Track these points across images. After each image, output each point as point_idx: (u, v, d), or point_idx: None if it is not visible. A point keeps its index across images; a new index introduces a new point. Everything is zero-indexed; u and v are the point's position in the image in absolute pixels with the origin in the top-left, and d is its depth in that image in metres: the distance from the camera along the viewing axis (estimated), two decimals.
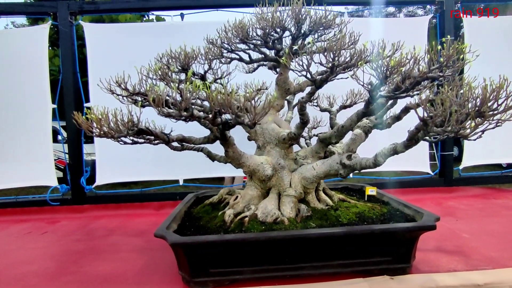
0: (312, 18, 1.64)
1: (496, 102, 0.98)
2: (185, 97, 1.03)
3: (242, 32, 1.51)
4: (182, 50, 1.43)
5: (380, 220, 1.53)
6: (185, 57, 1.40)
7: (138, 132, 1.19)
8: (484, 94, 0.98)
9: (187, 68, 1.44)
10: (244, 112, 1.08)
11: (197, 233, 1.50)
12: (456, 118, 0.95)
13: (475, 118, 0.93)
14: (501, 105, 1.00)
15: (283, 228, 1.46)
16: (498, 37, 3.05)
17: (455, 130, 0.96)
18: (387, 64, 1.12)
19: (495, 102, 0.98)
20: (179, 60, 1.42)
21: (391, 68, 1.12)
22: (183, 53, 1.41)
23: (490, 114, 0.92)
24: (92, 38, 2.84)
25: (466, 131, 0.95)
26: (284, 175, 1.68)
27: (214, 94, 1.01)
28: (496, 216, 2.33)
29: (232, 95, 1.16)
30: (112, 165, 2.97)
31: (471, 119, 0.93)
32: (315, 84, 1.40)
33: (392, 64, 1.11)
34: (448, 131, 1.00)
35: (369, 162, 1.41)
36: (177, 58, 1.43)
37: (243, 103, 1.07)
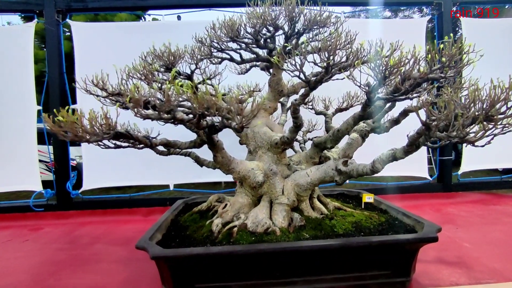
0: (306, 16, 1.56)
1: (506, 105, 0.89)
2: (166, 98, 0.93)
3: (232, 30, 1.42)
4: (167, 47, 1.33)
5: (378, 231, 1.44)
6: (169, 55, 1.31)
7: (115, 136, 1.09)
8: (493, 96, 0.90)
9: (172, 67, 1.34)
10: (231, 114, 0.98)
11: (182, 244, 1.40)
12: (462, 122, 0.86)
13: (483, 122, 0.85)
14: (510, 108, 0.91)
15: (274, 239, 1.36)
16: (496, 38, 2.99)
17: (461, 135, 0.87)
18: (386, 63, 1.03)
19: (505, 104, 0.89)
20: (163, 59, 1.33)
21: (390, 67, 1.03)
22: (168, 52, 1.31)
23: (500, 118, 0.84)
24: (79, 38, 2.74)
25: (472, 136, 0.86)
26: (276, 181, 1.59)
27: (199, 95, 0.91)
28: (497, 224, 2.25)
29: (218, 96, 1.06)
30: (99, 169, 2.85)
31: (480, 123, 0.84)
32: (309, 85, 1.31)
33: (392, 64, 1.02)
34: (453, 137, 0.91)
35: (367, 169, 1.31)
36: (161, 57, 1.33)
37: (229, 105, 0.97)
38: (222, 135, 1.96)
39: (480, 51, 1.32)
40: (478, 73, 3.00)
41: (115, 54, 2.57)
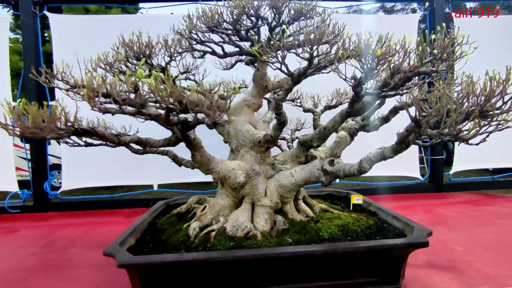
0: (291, 6, 1.47)
1: (502, 99, 0.81)
2: (129, 89, 0.83)
3: (212, 19, 1.32)
4: (137, 36, 1.23)
5: (366, 235, 1.35)
6: (139, 46, 1.20)
7: (76, 133, 0.98)
8: (488, 89, 0.81)
9: (144, 58, 1.23)
10: (202, 109, 0.88)
11: (156, 250, 1.29)
12: (455, 118, 0.77)
13: (478, 117, 0.76)
14: (506, 102, 0.83)
15: (254, 245, 1.27)
16: (490, 37, 2.94)
17: (454, 132, 0.79)
18: (373, 53, 0.94)
19: (501, 98, 0.81)
20: (133, 49, 1.22)
21: (378, 58, 0.94)
22: (138, 42, 1.21)
23: (496, 113, 0.75)
24: (58, 30, 2.60)
25: (466, 133, 0.78)
26: (258, 182, 1.49)
27: (164, 87, 0.81)
28: (489, 225, 2.19)
29: (192, 89, 0.96)
30: (80, 169, 2.72)
31: (474, 119, 0.76)
32: (292, 78, 1.21)
33: (378, 53, 0.93)
34: (445, 134, 0.83)
35: (353, 169, 1.23)
36: (131, 47, 1.22)
37: (199, 99, 0.88)
38: (207, 133, 1.86)
39: (474, 43, 1.25)
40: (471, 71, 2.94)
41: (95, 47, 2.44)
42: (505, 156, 3.05)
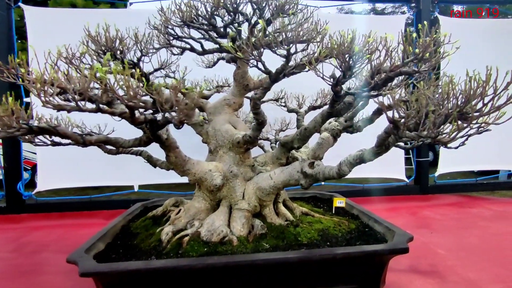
0: (272, 2, 1.41)
1: (482, 101, 0.77)
2: (84, 85, 0.76)
3: (186, 13, 1.25)
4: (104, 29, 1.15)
5: (346, 240, 1.31)
6: (106, 40, 1.12)
7: (31, 131, 0.90)
8: (467, 90, 0.77)
9: (115, 53, 1.16)
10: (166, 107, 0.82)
11: (125, 256, 1.22)
12: (433, 120, 0.73)
13: (457, 120, 0.72)
14: (487, 104, 0.79)
15: (229, 250, 1.21)
16: (476, 39, 2.94)
17: (432, 135, 0.74)
18: (351, 50, 0.89)
19: (481, 100, 0.76)
20: (99, 43, 1.14)
21: (355, 55, 0.89)
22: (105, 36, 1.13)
23: (476, 116, 0.71)
24: (33, 24, 2.49)
25: (445, 136, 0.74)
26: (236, 185, 1.43)
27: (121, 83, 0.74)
28: (473, 228, 2.18)
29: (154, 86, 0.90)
30: (57, 168, 2.61)
31: (452, 121, 0.71)
32: (270, 77, 1.16)
33: (357, 50, 0.88)
34: (424, 136, 0.78)
35: (333, 172, 1.18)
36: (98, 41, 1.14)
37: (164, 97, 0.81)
38: (191, 132, 1.79)
39: (456, 43, 1.21)
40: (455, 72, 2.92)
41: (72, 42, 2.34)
42: (490, 158, 3.07)
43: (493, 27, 3.04)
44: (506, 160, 3.14)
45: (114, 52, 1.15)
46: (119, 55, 1.18)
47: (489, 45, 2.98)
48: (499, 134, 3.00)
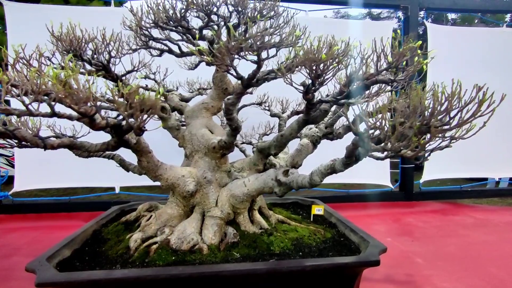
0: (251, 5, 1.39)
1: (448, 115, 0.75)
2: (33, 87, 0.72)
3: (157, 15, 1.21)
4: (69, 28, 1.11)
5: (319, 250, 1.28)
6: (70, 40, 1.08)
7: None
8: (433, 104, 0.75)
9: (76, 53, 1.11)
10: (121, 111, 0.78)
11: (90, 265, 1.18)
12: (396, 134, 0.70)
13: (419, 134, 0.70)
14: (454, 118, 0.77)
15: (198, 259, 1.17)
16: (463, 47, 2.95)
17: (395, 149, 0.72)
18: (318, 58, 0.87)
19: (447, 114, 0.74)
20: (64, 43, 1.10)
21: (322, 63, 0.87)
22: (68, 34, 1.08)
23: (439, 130, 0.69)
24: (14, 20, 2.42)
25: (408, 151, 0.71)
26: (210, 191, 1.40)
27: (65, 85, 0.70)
28: (453, 236, 2.17)
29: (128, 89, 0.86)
30: (34, 168, 2.54)
31: (412, 136, 0.69)
32: (242, 82, 1.13)
33: (324, 58, 0.86)
34: (388, 150, 0.76)
35: (305, 181, 1.15)
36: (63, 40, 1.10)
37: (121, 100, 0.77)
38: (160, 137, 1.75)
39: (432, 52, 1.20)
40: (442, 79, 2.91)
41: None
42: (476, 166, 3.08)
43: (483, 35, 3.05)
44: (493, 168, 3.15)
45: (80, 53, 1.11)
46: (87, 56, 1.14)
47: (478, 53, 3.00)
48: (485, 143, 3.02)
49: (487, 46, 2.92)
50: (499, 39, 2.93)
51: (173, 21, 1.20)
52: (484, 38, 2.95)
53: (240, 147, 2.14)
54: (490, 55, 2.93)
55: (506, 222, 2.49)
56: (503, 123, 3.03)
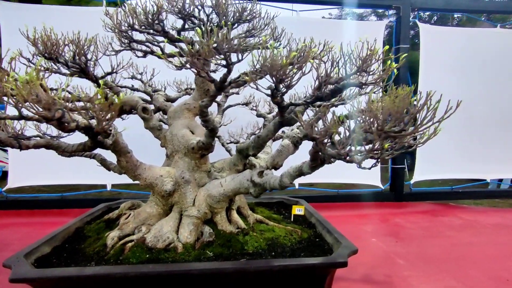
0: (231, 8, 1.40)
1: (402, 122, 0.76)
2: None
3: (132, 18, 1.23)
4: (43, 32, 1.13)
5: (292, 250, 1.30)
6: (45, 44, 1.11)
7: None
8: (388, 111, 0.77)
9: (54, 57, 1.14)
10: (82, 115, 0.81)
11: (66, 261, 1.21)
12: (343, 139, 0.72)
13: (362, 141, 0.71)
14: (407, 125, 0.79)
15: (171, 258, 1.20)
16: (455, 47, 2.94)
17: (343, 154, 0.74)
18: (278, 64, 0.88)
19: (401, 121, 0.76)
20: (37, 46, 1.13)
21: (282, 68, 0.88)
22: (44, 37, 1.11)
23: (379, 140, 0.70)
24: (7, 19, 2.46)
25: (355, 156, 0.73)
26: (188, 191, 1.42)
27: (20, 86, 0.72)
28: (438, 237, 2.18)
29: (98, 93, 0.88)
30: (28, 165, 2.59)
31: (355, 142, 0.71)
32: (215, 85, 1.15)
33: (284, 63, 0.87)
34: (342, 155, 0.77)
35: (276, 183, 1.17)
36: (36, 44, 1.12)
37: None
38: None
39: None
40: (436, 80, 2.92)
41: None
42: (466, 167, 3.07)
43: (476, 36, 3.03)
44: (485, 169, 3.14)
45: (56, 56, 1.13)
46: (63, 58, 1.16)
47: (471, 53, 2.98)
48: (476, 144, 3.02)
49: (480, 47, 2.91)
50: (493, 40, 2.91)
51: (145, 25, 1.22)
52: (477, 39, 2.93)
53: (226, 146, 2.17)
54: (484, 56, 2.92)
55: (494, 224, 2.49)
56: (496, 124, 3.02)
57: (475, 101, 2.95)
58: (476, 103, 2.95)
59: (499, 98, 2.97)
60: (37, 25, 2.52)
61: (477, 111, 2.95)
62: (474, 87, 2.93)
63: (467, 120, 2.94)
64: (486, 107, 2.98)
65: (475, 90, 2.93)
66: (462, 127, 2.94)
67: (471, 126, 2.99)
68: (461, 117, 2.94)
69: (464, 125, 2.94)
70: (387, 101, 0.83)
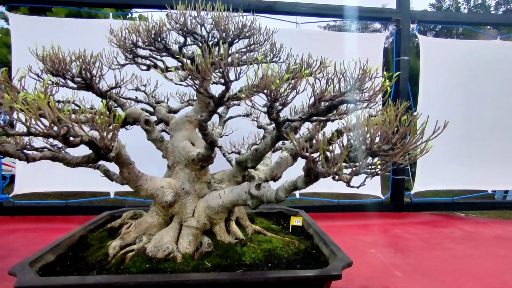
0: (232, 25, 1.45)
1: (389, 142, 0.80)
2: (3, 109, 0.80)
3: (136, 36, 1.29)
4: (53, 49, 1.19)
5: (289, 262, 1.33)
6: (53, 61, 1.16)
7: None
8: (376, 131, 0.80)
9: (58, 73, 1.19)
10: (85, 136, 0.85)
11: (69, 270, 1.26)
12: (331, 158, 0.76)
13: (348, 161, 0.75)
14: (395, 144, 0.82)
15: (170, 268, 1.24)
16: (455, 59, 2.97)
17: (332, 172, 0.77)
18: (271, 84, 0.92)
19: (389, 141, 0.79)
20: (46, 64, 1.18)
21: (273, 92, 0.93)
22: (52, 55, 1.16)
23: (365, 161, 0.74)
24: (18, 32, 2.55)
25: (343, 175, 0.77)
26: (188, 202, 1.46)
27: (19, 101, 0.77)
28: (438, 249, 2.19)
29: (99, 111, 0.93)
30: (34, 172, 2.66)
31: (341, 162, 0.74)
32: (214, 101, 1.19)
33: (275, 87, 0.92)
34: (330, 174, 0.81)
35: (272, 196, 1.21)
36: (45, 62, 1.18)
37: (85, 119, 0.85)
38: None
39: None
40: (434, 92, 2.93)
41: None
42: (467, 178, 3.08)
43: (476, 48, 3.06)
44: (485, 181, 3.14)
45: (63, 72, 1.19)
46: (69, 75, 1.22)
47: (470, 65, 3.00)
48: (477, 155, 3.02)
49: (480, 59, 2.93)
50: (493, 52, 2.94)
51: (147, 43, 1.27)
52: (477, 51, 2.96)
53: (227, 157, 2.21)
54: (483, 68, 2.94)
55: (495, 236, 2.48)
56: (497, 135, 3.02)
57: (476, 112, 2.97)
58: (477, 114, 2.97)
59: (501, 109, 2.98)
60: (45, 37, 2.60)
61: (478, 122, 2.96)
62: (475, 98, 2.95)
63: (468, 131, 2.95)
64: (487, 118, 2.99)
65: (476, 101, 2.95)
66: (463, 138, 2.95)
67: (472, 137, 3.00)
68: (462, 128, 2.96)
69: (465, 136, 2.96)
70: (377, 120, 0.87)
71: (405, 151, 0.79)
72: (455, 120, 2.95)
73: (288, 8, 2.68)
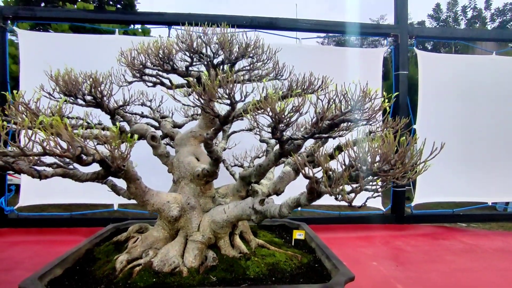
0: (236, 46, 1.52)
1: (388, 163, 0.84)
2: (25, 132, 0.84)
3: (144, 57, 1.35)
4: (67, 71, 1.24)
5: (292, 276, 1.36)
6: (66, 83, 1.22)
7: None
8: (377, 151, 0.85)
9: (73, 95, 1.24)
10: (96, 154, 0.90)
11: (78, 284, 1.28)
12: (335, 178, 0.80)
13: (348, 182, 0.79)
14: (395, 165, 0.86)
15: (176, 282, 1.27)
16: (453, 73, 3.03)
17: (335, 192, 0.81)
18: (275, 108, 0.97)
19: (387, 162, 0.84)
20: (59, 85, 1.24)
21: (277, 115, 0.98)
22: (62, 79, 1.21)
23: (367, 180, 0.78)
24: (26, 48, 2.62)
25: (347, 195, 0.81)
26: (193, 216, 1.50)
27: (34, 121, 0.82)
28: (438, 262, 2.21)
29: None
30: (39, 184, 2.68)
31: (343, 183, 0.78)
32: (219, 119, 1.24)
33: (280, 110, 0.97)
34: (335, 194, 0.85)
35: (275, 212, 1.24)
36: (59, 83, 1.23)
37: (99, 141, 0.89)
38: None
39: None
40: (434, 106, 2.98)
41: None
42: (467, 191, 3.11)
43: (472, 62, 3.13)
44: (485, 193, 3.17)
45: (75, 92, 1.24)
46: (81, 94, 1.27)
47: (467, 80, 3.07)
48: (477, 167, 3.06)
49: (476, 73, 3.00)
50: (489, 67, 3.01)
51: (155, 65, 1.33)
52: (473, 65, 3.03)
53: (231, 170, 2.25)
54: (480, 81, 3.00)
55: (495, 249, 2.50)
56: (496, 148, 3.07)
57: (476, 125, 3.02)
58: (476, 127, 3.02)
59: (501, 122, 3.04)
60: (53, 53, 2.67)
61: (478, 134, 3.01)
62: (474, 111, 3.01)
63: (468, 144, 3.00)
64: (487, 131, 3.04)
65: (475, 114, 3.00)
66: (463, 151, 2.99)
67: (472, 150, 3.04)
68: (461, 140, 3.01)
69: (465, 149, 3.00)
70: (377, 141, 0.92)
71: (405, 171, 0.83)
72: (455, 133, 3.00)
73: (290, 24, 2.76)
